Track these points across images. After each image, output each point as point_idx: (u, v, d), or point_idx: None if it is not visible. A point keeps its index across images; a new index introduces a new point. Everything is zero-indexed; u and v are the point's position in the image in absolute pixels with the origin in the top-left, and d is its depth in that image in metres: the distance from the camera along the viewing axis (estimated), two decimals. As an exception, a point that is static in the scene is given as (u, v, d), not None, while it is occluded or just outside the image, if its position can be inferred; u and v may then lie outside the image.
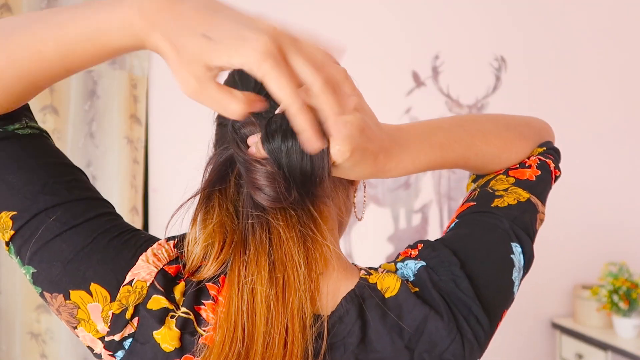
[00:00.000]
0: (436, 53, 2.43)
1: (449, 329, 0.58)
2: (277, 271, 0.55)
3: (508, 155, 0.71)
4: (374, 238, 2.35)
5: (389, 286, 0.59)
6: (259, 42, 0.41)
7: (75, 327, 0.56)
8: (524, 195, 0.69)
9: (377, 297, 0.58)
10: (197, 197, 0.60)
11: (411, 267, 0.62)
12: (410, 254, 0.65)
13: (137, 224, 2.04)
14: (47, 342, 1.97)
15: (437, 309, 0.58)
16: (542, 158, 0.73)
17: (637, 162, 2.69)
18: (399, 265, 0.64)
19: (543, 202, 0.71)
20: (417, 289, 0.60)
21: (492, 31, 2.51)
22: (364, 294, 0.58)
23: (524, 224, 0.67)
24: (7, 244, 0.56)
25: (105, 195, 0.61)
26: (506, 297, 0.64)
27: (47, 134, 0.59)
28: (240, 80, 0.61)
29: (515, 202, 0.68)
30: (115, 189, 2.02)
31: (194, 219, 0.58)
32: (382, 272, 0.61)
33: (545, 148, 0.75)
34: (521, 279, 0.66)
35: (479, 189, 0.71)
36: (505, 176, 0.71)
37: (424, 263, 0.62)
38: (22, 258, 0.55)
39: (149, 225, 2.10)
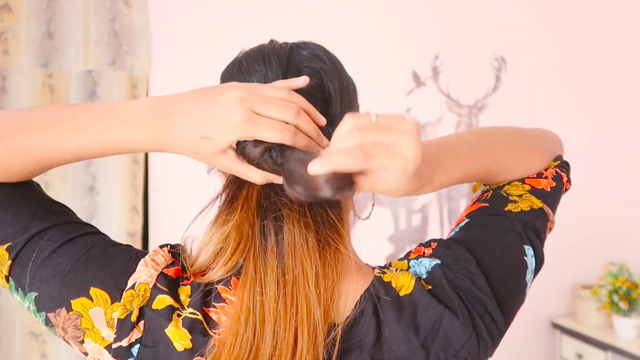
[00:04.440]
0: (436, 53, 2.43)
1: (465, 327, 0.57)
2: (286, 274, 0.55)
3: (527, 165, 0.72)
4: (374, 238, 2.35)
5: (404, 284, 0.59)
6: (235, 115, 0.51)
7: (83, 342, 0.56)
8: (538, 203, 0.70)
9: (391, 296, 0.58)
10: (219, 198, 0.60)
11: (425, 265, 0.62)
12: (424, 252, 0.65)
13: (137, 224, 2.04)
14: (48, 342, 1.97)
15: (452, 307, 0.58)
16: (557, 171, 0.75)
17: (637, 162, 2.69)
18: (411, 262, 0.64)
19: (554, 212, 0.72)
20: (430, 287, 0.60)
21: (492, 31, 2.51)
22: (378, 293, 0.58)
23: (535, 228, 0.68)
24: (7, 279, 0.57)
25: (105, 195, 0.64)
26: (519, 298, 0.65)
27: (37, 183, 0.63)
28: (245, 67, 0.62)
29: (529, 209, 0.69)
30: (115, 189, 2.02)
31: (216, 219, 0.59)
32: (396, 271, 0.61)
33: (559, 162, 0.77)
34: (531, 282, 0.67)
35: (492, 191, 0.72)
36: (521, 183, 0.72)
37: (438, 261, 0.62)
38: (22, 288, 0.56)
39: (149, 225, 2.10)
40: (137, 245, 2.02)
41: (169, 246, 0.61)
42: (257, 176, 0.55)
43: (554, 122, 2.59)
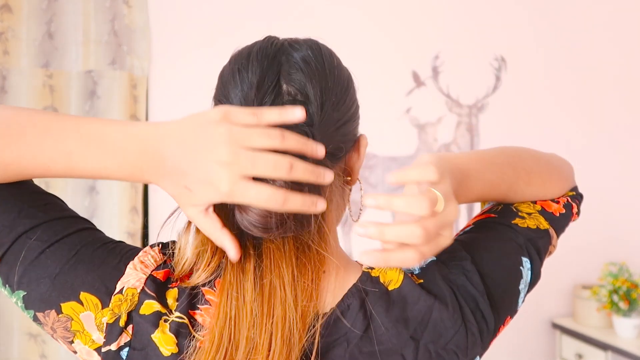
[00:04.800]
0: (436, 53, 2.43)
1: (454, 320, 0.58)
2: (263, 278, 0.55)
3: (544, 194, 0.75)
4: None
5: (392, 279, 0.59)
6: (222, 183, 0.48)
7: (72, 342, 0.56)
8: (545, 224, 0.71)
9: (380, 290, 0.58)
10: None
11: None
12: None
13: (137, 223, 2.04)
14: (47, 342, 1.97)
15: (442, 300, 0.58)
16: (569, 200, 0.77)
17: (638, 162, 2.69)
18: None
19: (558, 237, 0.74)
20: (422, 281, 0.60)
21: (492, 31, 2.51)
22: (366, 288, 0.58)
23: (537, 246, 0.69)
24: None
25: (105, 195, 0.62)
26: (511, 304, 0.65)
27: None
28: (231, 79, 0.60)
29: (535, 227, 0.70)
30: (115, 189, 2.02)
31: (188, 223, 0.58)
32: (384, 266, 0.61)
33: (574, 193, 0.80)
34: (525, 294, 0.68)
35: (502, 205, 0.74)
36: (532, 203, 0.74)
37: (434, 258, 0.63)
38: (10, 285, 0.55)
39: (149, 225, 2.10)
40: (137, 245, 2.02)
41: (159, 245, 0.60)
42: (215, 236, 0.53)
43: (554, 122, 2.60)
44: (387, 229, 0.49)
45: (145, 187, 2.11)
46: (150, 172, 0.52)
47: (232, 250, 0.52)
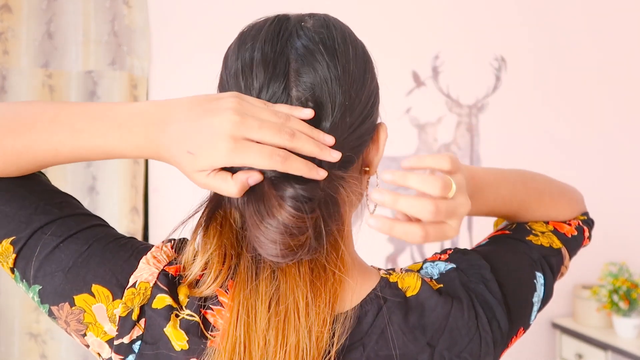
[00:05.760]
0: (436, 53, 2.43)
1: (468, 327, 0.58)
2: (279, 304, 0.54)
3: (556, 215, 0.77)
4: (374, 238, 2.35)
5: (410, 285, 0.59)
6: (223, 142, 0.48)
7: (85, 334, 0.57)
8: (558, 243, 0.73)
9: (399, 297, 0.58)
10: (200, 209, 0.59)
11: (440, 267, 0.63)
12: (440, 257, 0.66)
13: (137, 224, 2.04)
14: (48, 342, 1.97)
15: (459, 307, 0.59)
16: (581, 224, 0.80)
17: (637, 162, 2.69)
18: (426, 265, 0.64)
19: (570, 258, 0.76)
20: (441, 285, 0.61)
21: (492, 31, 2.51)
22: (384, 294, 0.58)
23: (550, 263, 0.71)
24: (12, 270, 0.58)
25: (105, 195, 0.62)
26: (525, 315, 0.66)
27: (41, 172, 0.62)
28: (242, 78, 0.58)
29: (548, 245, 0.72)
30: (115, 189, 2.02)
31: (194, 234, 0.57)
32: (402, 272, 0.61)
33: (586, 217, 0.82)
34: (538, 310, 0.68)
35: (516, 224, 0.76)
36: (545, 223, 0.76)
37: (454, 265, 0.63)
38: (27, 280, 0.57)
39: (149, 225, 2.10)
40: (137, 245, 2.02)
41: (172, 241, 0.60)
42: (231, 188, 0.50)
43: (554, 122, 2.60)
44: (401, 198, 0.50)
45: (146, 188, 2.11)
46: (154, 141, 0.52)
47: (255, 176, 0.51)
